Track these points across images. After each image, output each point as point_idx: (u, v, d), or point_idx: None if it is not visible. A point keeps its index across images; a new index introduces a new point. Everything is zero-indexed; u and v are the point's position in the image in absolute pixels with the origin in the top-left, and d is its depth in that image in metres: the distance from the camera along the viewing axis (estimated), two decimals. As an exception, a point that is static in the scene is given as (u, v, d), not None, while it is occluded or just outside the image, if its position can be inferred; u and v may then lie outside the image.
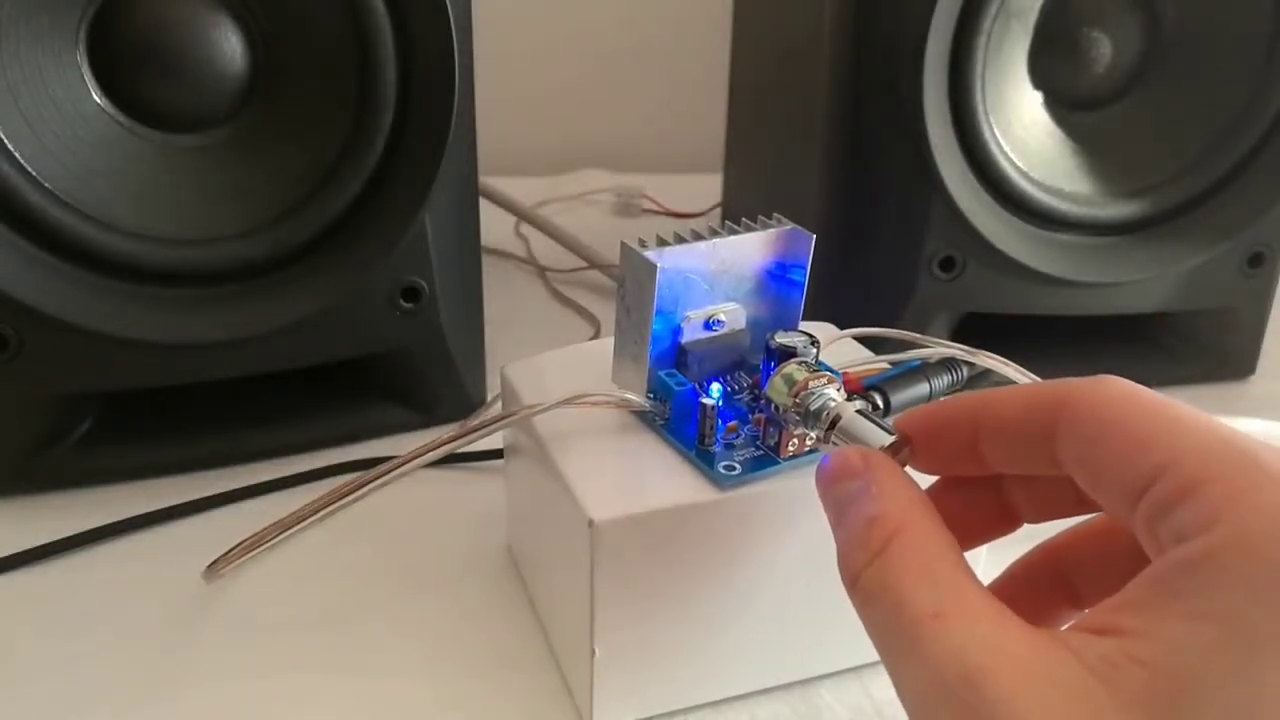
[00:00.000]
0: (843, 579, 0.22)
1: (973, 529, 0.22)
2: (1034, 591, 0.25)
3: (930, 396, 0.32)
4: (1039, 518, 0.25)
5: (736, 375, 0.31)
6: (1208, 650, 0.17)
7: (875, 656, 0.33)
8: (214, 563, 0.36)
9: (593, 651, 0.29)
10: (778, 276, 0.31)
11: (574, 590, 0.29)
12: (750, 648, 0.31)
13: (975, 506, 0.25)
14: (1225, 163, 0.48)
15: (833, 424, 0.26)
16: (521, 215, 0.69)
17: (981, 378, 0.35)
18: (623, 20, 0.92)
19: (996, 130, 0.46)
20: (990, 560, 0.27)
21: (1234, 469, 0.18)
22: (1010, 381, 0.32)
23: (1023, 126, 0.48)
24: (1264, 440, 0.19)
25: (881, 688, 0.32)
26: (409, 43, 0.40)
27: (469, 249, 0.46)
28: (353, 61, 0.40)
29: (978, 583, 0.20)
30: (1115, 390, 0.21)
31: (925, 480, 0.24)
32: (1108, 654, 0.18)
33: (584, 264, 0.66)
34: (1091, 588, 0.24)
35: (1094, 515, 0.24)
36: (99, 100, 0.39)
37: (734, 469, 0.28)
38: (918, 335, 0.33)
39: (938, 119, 0.45)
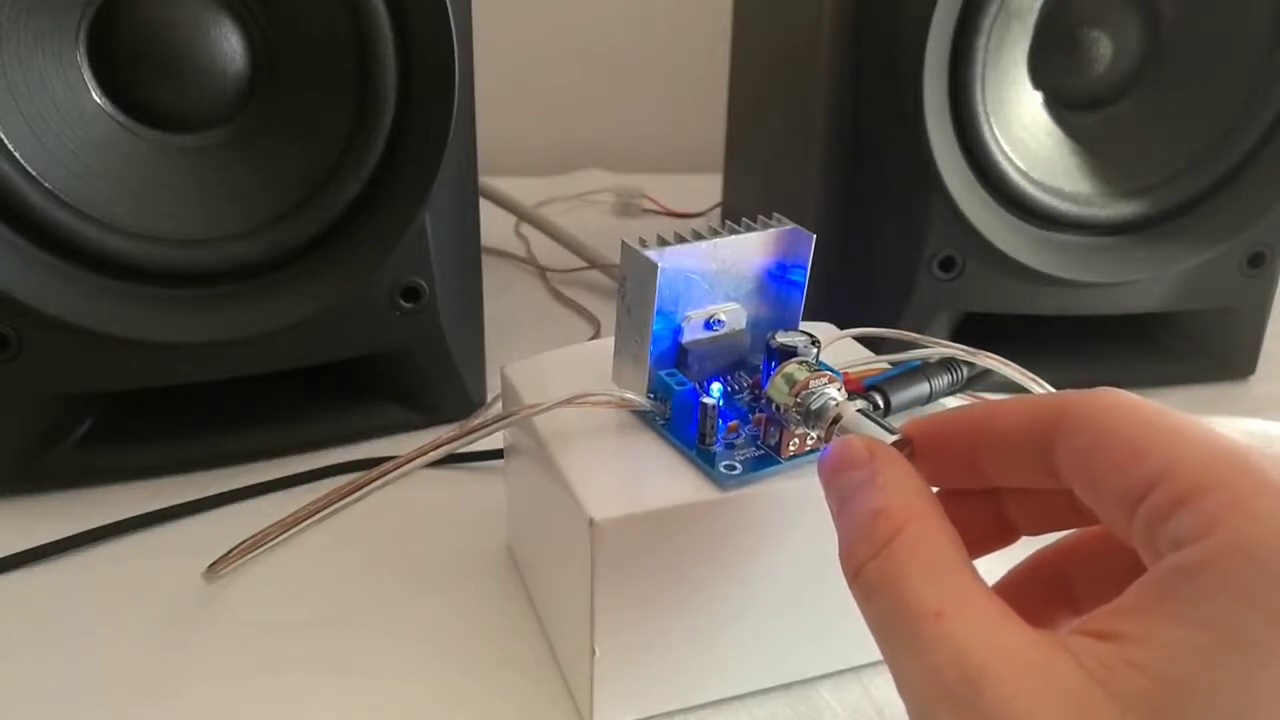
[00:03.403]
0: (844, 570, 0.22)
1: (970, 541, 0.22)
2: (1033, 595, 0.25)
3: (930, 396, 0.31)
4: (1036, 530, 0.25)
5: (737, 375, 0.31)
6: (1204, 656, 0.17)
7: (875, 656, 0.33)
8: (214, 563, 0.36)
9: (593, 651, 0.29)
10: (778, 276, 0.31)
11: (574, 590, 0.29)
12: (750, 648, 0.31)
13: (973, 518, 0.24)
14: (1225, 163, 0.48)
15: (834, 423, 0.26)
16: (521, 215, 0.69)
17: (981, 378, 0.35)
18: (623, 20, 0.92)
19: (996, 130, 0.46)
20: (988, 563, 0.27)
21: (1231, 477, 0.18)
22: (1011, 381, 0.32)
23: (1023, 126, 0.48)
24: (1262, 446, 0.19)
25: (881, 687, 0.32)
26: (409, 43, 0.40)
27: (469, 249, 0.46)
28: (353, 61, 0.40)
29: (981, 582, 0.20)
30: (1112, 400, 0.21)
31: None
32: (1106, 658, 0.18)
33: (584, 264, 0.66)
34: (1089, 593, 0.24)
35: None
36: (99, 100, 0.39)
37: (735, 469, 0.28)
38: (918, 335, 0.33)
39: (938, 119, 0.45)
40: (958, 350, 0.32)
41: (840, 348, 0.35)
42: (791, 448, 0.29)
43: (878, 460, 0.23)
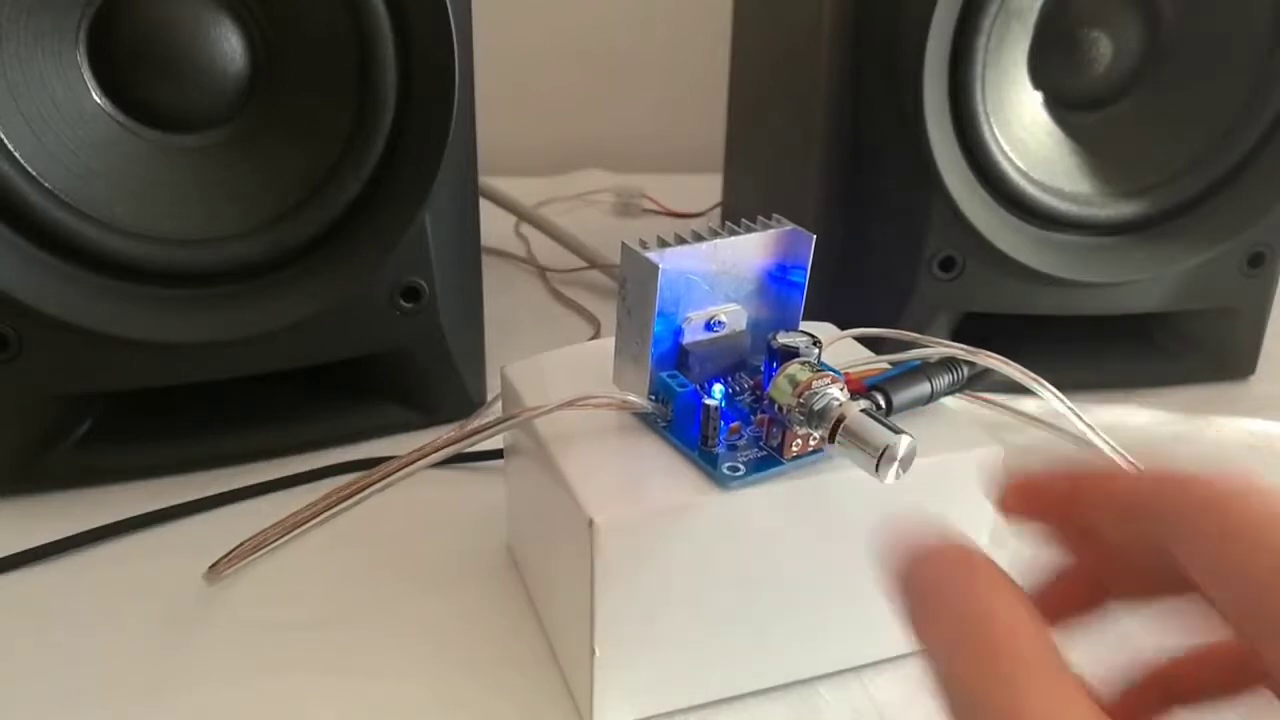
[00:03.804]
0: (943, 684, 0.18)
1: (1055, 605, 0.19)
2: (1139, 709, 0.22)
3: (932, 396, 0.32)
4: (1130, 594, 0.21)
5: (737, 376, 0.31)
6: None
7: (875, 656, 0.33)
8: (215, 565, 0.36)
9: (593, 651, 0.29)
10: (778, 277, 0.31)
11: (574, 590, 0.29)
12: (750, 648, 0.31)
13: (1062, 580, 0.22)
14: (1225, 163, 0.48)
15: (838, 423, 0.26)
16: (521, 215, 0.69)
17: (981, 377, 0.35)
18: (623, 20, 0.92)
19: (996, 130, 0.46)
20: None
21: None
22: (1011, 381, 0.32)
23: (1023, 126, 0.48)
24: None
25: (882, 687, 0.32)
26: (409, 43, 0.40)
27: (469, 249, 0.46)
28: (353, 61, 0.40)
29: (1096, 705, 0.17)
30: (1246, 487, 0.18)
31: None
32: None
33: (584, 264, 0.66)
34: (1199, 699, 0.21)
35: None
36: (99, 100, 0.39)
37: (738, 470, 0.28)
38: (918, 335, 0.33)
39: (938, 119, 0.45)
40: (958, 350, 0.32)
41: (841, 348, 0.35)
42: (794, 448, 0.29)
43: (975, 565, 0.19)
